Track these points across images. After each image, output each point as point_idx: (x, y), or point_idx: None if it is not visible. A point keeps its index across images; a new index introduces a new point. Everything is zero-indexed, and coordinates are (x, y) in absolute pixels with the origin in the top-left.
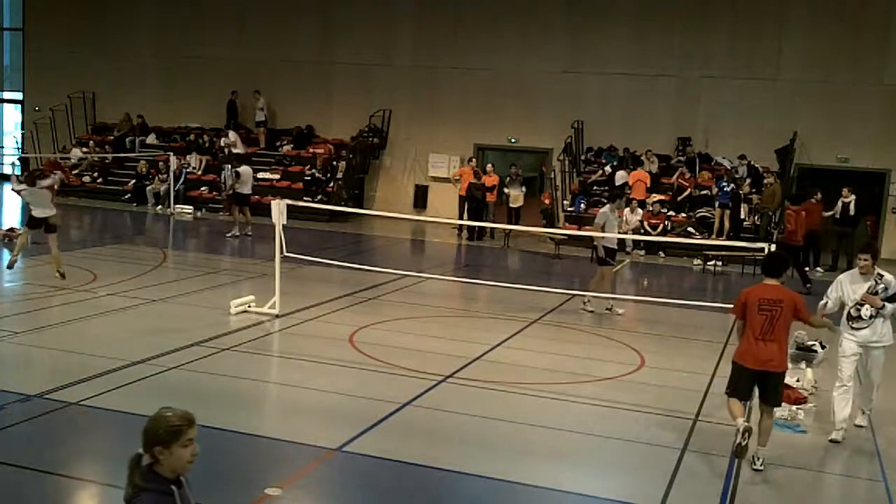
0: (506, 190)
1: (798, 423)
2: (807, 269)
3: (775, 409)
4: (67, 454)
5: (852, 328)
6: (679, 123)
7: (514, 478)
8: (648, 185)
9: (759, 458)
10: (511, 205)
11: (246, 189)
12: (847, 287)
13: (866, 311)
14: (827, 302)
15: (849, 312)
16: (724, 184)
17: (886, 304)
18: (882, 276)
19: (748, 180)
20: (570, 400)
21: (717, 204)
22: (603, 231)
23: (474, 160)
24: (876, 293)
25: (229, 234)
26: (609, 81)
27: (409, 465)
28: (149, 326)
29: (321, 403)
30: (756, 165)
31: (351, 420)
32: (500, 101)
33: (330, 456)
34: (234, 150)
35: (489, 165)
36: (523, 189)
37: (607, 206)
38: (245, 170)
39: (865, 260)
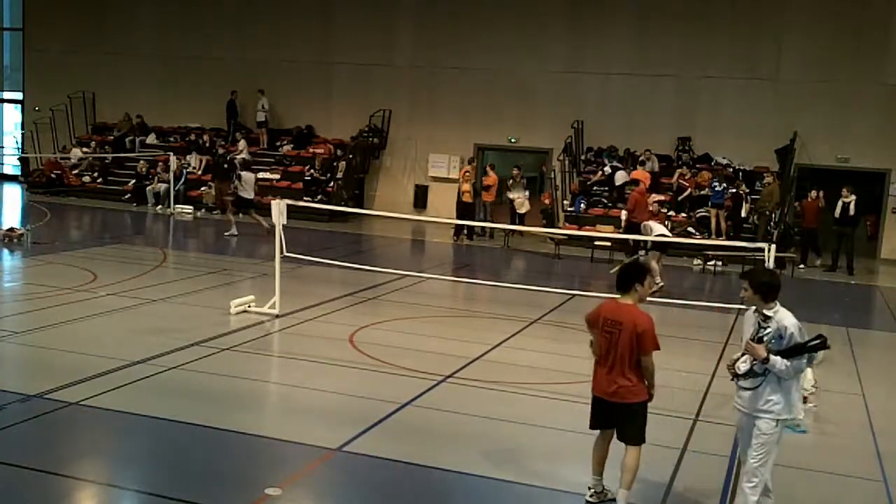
0: (509, 194)
1: (798, 423)
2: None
3: (638, 446)
4: (67, 454)
5: (738, 386)
6: (679, 123)
7: (514, 478)
8: (648, 184)
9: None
10: (518, 210)
11: (247, 194)
12: (745, 327)
13: (742, 362)
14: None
15: (733, 363)
16: (716, 184)
17: (774, 357)
18: (767, 317)
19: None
20: (570, 400)
21: (709, 203)
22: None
23: (475, 161)
24: (760, 340)
25: (228, 233)
26: (609, 81)
27: (409, 465)
28: (149, 326)
29: (321, 403)
30: (742, 167)
31: (351, 420)
32: (500, 101)
33: (330, 456)
34: (241, 157)
35: (487, 165)
36: (527, 193)
37: None
38: (247, 175)
39: (743, 288)
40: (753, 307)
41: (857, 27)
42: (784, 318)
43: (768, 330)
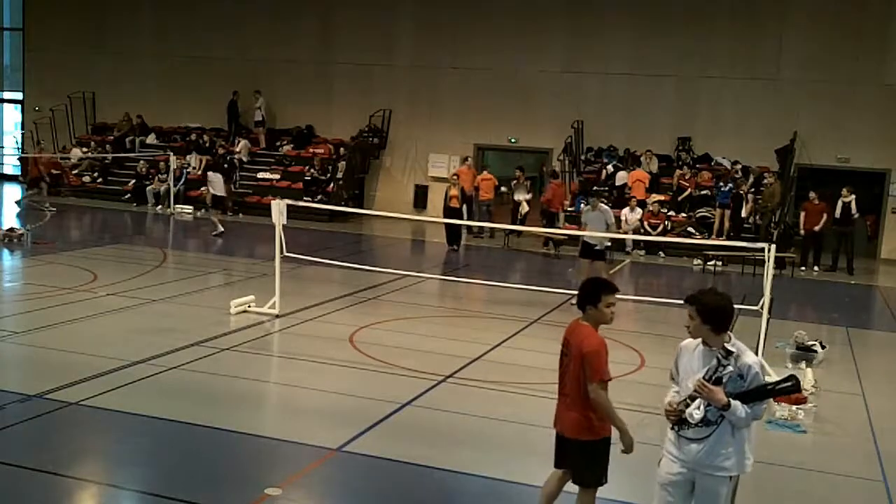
0: (516, 197)
1: (798, 423)
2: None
3: (595, 486)
4: (67, 454)
5: (679, 435)
6: (679, 123)
7: (514, 478)
8: (647, 185)
9: None
10: (520, 212)
11: (217, 192)
12: (684, 363)
13: (696, 409)
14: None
15: (676, 409)
16: (722, 184)
17: (735, 402)
18: (729, 352)
19: (746, 179)
20: None
21: (717, 204)
22: (585, 227)
23: (470, 159)
24: (719, 381)
25: (214, 233)
26: (609, 81)
27: (409, 465)
28: (149, 326)
29: (321, 403)
30: (749, 167)
31: (351, 420)
32: (500, 101)
33: (330, 456)
34: (240, 157)
35: (468, 161)
36: (529, 195)
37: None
38: (212, 175)
39: (689, 315)
40: (698, 340)
41: (857, 27)
42: (745, 353)
43: (728, 368)
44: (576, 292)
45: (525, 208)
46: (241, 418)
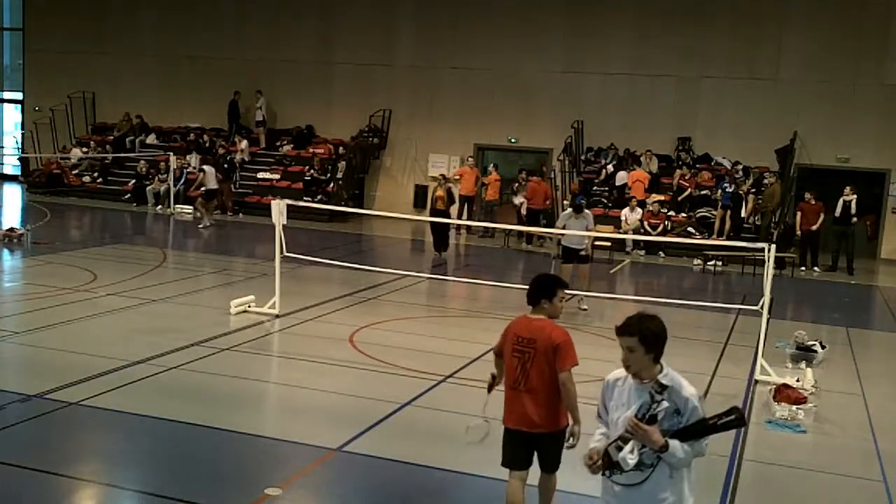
0: (516, 200)
1: (798, 423)
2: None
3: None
4: (67, 454)
5: (612, 482)
6: (679, 123)
7: None
8: (647, 185)
9: None
10: (521, 211)
11: (212, 185)
12: (615, 397)
13: (629, 453)
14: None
15: (606, 452)
16: (726, 185)
17: (673, 442)
18: (665, 386)
19: (748, 180)
20: None
21: (719, 204)
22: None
23: (471, 159)
24: (653, 419)
25: (201, 226)
26: (609, 81)
27: (409, 465)
28: (149, 326)
29: (321, 403)
30: (749, 167)
31: (351, 420)
32: (500, 101)
33: (330, 456)
34: (241, 157)
35: (470, 160)
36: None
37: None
38: (209, 169)
39: (629, 348)
40: (622, 375)
41: (857, 27)
42: (682, 385)
43: (663, 404)
44: (576, 293)
45: (524, 209)
46: (241, 418)
